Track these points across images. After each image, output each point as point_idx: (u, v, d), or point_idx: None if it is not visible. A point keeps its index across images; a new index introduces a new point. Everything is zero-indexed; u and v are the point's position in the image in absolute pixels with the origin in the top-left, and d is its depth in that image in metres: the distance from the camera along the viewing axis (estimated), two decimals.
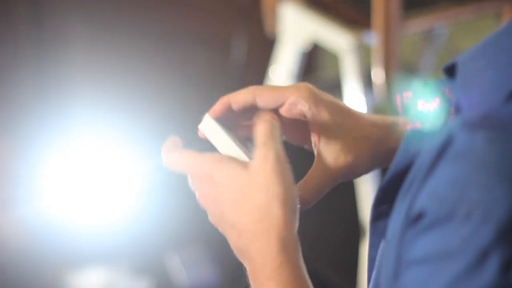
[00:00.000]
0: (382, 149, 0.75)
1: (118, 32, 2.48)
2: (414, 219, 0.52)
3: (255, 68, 2.43)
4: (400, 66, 2.04)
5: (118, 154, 2.46)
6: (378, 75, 1.81)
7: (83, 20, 2.43)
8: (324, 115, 0.73)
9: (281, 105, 0.74)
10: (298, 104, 0.73)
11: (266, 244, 0.65)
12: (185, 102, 2.50)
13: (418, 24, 1.98)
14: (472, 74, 0.57)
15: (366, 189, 1.87)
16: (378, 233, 0.69)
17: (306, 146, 0.80)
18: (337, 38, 1.92)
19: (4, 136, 2.36)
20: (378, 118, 0.77)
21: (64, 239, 2.27)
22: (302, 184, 0.73)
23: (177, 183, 0.74)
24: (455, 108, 0.59)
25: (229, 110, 0.75)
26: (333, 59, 2.30)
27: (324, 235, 2.45)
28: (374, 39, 1.85)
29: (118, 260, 2.25)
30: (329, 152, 0.73)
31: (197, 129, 0.75)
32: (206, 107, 0.76)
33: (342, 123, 0.74)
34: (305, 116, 0.74)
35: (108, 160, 2.44)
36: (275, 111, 0.76)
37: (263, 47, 2.39)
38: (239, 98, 0.74)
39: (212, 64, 2.59)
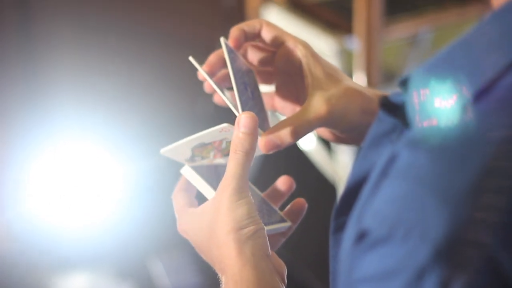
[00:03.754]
0: (372, 107, 0.76)
1: (103, 34, 2.47)
2: (360, 237, 0.51)
3: None
4: (384, 71, 2.04)
5: (103, 158, 2.45)
6: (359, 80, 1.81)
7: (70, 25, 2.42)
8: (318, 65, 0.76)
9: (280, 45, 0.78)
10: (296, 48, 0.77)
11: (226, 257, 0.69)
12: (168, 104, 2.50)
13: (402, 29, 1.98)
14: (422, 88, 0.56)
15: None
16: (338, 245, 0.68)
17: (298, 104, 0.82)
18: (319, 43, 1.92)
19: None
20: (368, 88, 0.80)
21: (48, 243, 2.26)
22: (293, 118, 0.74)
23: (161, 188, 0.75)
24: (406, 124, 0.59)
25: (244, 35, 0.79)
26: None
27: (305, 238, 2.44)
28: (356, 44, 1.85)
29: (102, 264, 2.25)
30: (321, 93, 0.75)
31: (175, 132, 0.79)
32: (189, 110, 0.77)
33: (336, 75, 0.77)
34: (300, 63, 0.77)
35: (93, 164, 2.43)
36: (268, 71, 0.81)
37: None
38: (250, 22, 0.79)
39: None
